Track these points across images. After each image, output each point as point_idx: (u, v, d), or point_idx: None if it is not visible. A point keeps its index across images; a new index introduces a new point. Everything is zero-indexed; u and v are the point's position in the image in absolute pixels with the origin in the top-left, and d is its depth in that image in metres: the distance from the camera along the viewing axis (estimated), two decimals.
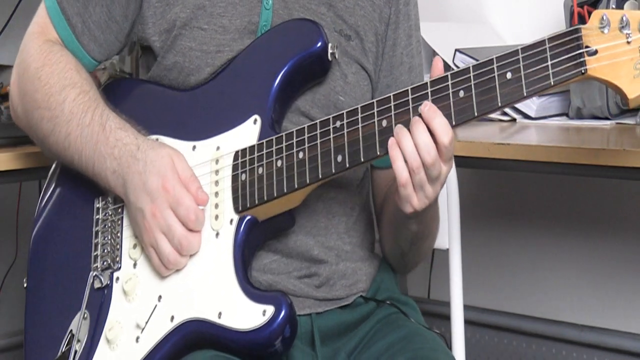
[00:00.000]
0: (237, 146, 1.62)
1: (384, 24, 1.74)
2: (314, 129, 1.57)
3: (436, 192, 1.52)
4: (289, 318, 1.50)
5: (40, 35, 1.73)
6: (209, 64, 1.68)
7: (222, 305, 1.55)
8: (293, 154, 1.57)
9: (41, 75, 1.69)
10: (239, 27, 1.68)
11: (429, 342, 1.63)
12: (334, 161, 1.54)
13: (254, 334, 1.51)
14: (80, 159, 1.65)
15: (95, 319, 1.64)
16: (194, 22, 1.68)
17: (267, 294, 1.54)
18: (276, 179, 1.57)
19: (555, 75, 1.43)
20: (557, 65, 1.43)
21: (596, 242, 2.76)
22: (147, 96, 1.75)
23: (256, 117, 1.63)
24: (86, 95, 1.66)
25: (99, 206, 1.71)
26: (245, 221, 1.58)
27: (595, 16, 1.44)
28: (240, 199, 1.59)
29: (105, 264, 1.66)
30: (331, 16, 1.69)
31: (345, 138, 1.54)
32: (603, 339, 2.71)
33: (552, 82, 1.44)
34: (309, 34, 1.64)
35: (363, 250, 1.75)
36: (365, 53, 1.71)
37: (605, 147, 1.92)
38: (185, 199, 1.57)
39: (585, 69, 1.42)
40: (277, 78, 1.63)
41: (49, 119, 1.67)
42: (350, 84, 1.69)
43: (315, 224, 1.68)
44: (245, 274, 1.56)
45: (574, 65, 1.43)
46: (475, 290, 2.87)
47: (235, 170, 1.61)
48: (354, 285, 1.71)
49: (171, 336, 1.57)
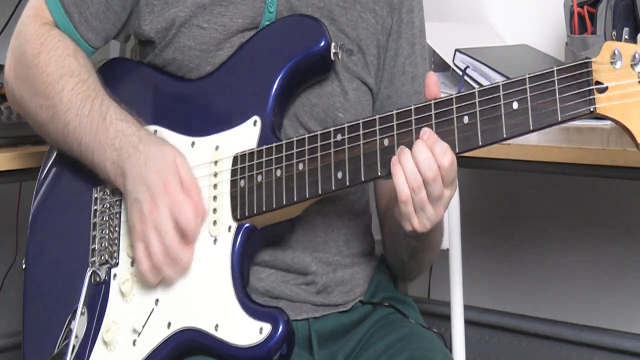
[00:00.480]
0: (236, 147, 1.60)
1: (385, 34, 1.71)
2: (314, 140, 1.54)
3: (439, 214, 1.49)
4: (286, 336, 1.49)
5: (36, 18, 1.70)
6: (209, 63, 1.66)
7: (219, 318, 1.53)
8: (293, 164, 1.55)
9: (38, 62, 1.66)
10: (240, 27, 1.66)
11: (427, 342, 1.62)
12: (334, 177, 1.52)
13: (251, 350, 1.49)
14: (80, 148, 1.63)
15: (92, 315, 1.63)
16: (194, 20, 1.66)
17: (264, 310, 1.51)
18: (275, 189, 1.55)
19: (563, 111, 1.40)
20: (566, 101, 1.40)
21: (596, 242, 2.76)
22: (146, 82, 1.73)
23: (256, 118, 1.61)
24: (85, 84, 1.64)
25: (97, 196, 1.68)
26: (243, 229, 1.57)
27: (606, 49, 1.39)
28: (239, 208, 1.57)
29: (103, 259, 1.64)
30: (333, 30, 1.65)
31: (346, 154, 1.51)
32: (603, 339, 2.71)
33: (559, 118, 1.40)
34: (312, 33, 1.61)
35: (362, 257, 1.73)
36: (367, 68, 1.69)
37: (605, 147, 1.92)
38: (187, 208, 1.55)
39: (595, 108, 1.38)
40: (277, 78, 1.61)
41: (47, 107, 1.65)
42: (351, 101, 1.67)
43: (313, 239, 1.66)
44: (243, 286, 1.54)
45: (583, 102, 1.39)
46: (475, 290, 2.87)
47: (234, 176, 1.59)
48: (351, 291, 1.70)
49: (168, 343, 1.56)
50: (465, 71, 2.40)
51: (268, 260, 1.64)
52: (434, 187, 1.46)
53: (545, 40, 2.68)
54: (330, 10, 1.67)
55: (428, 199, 1.47)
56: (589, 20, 2.33)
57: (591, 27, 2.31)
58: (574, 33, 2.32)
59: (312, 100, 1.65)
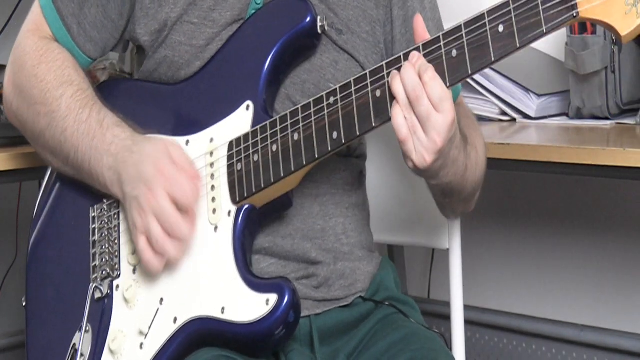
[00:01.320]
0: (231, 135, 1.61)
1: (382, 7, 1.71)
2: (307, 108, 1.55)
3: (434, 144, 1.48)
4: (292, 303, 1.49)
5: (35, 32, 1.72)
6: (199, 58, 1.68)
7: (225, 300, 1.53)
8: (288, 135, 1.55)
9: (38, 72, 1.68)
10: (228, 21, 1.67)
11: (428, 342, 1.63)
12: (330, 138, 1.53)
13: (258, 324, 1.50)
14: (76, 155, 1.65)
15: (97, 331, 1.63)
16: (185, 17, 1.68)
17: (269, 282, 1.52)
18: (272, 163, 1.56)
19: (547, 20, 1.43)
20: (549, 10, 1.42)
21: (596, 242, 2.76)
22: (139, 94, 1.74)
23: (248, 102, 1.61)
24: (84, 93, 1.66)
25: (95, 215, 1.69)
26: (243, 211, 1.57)
27: None
28: (237, 189, 1.58)
29: (105, 273, 1.65)
30: (323, 8, 1.67)
31: (340, 113, 1.52)
32: (603, 339, 2.71)
33: (544, 29, 1.43)
34: (297, 10, 1.62)
35: (361, 251, 1.74)
36: (356, 47, 1.69)
37: (605, 147, 1.92)
38: (182, 181, 1.55)
39: (577, 12, 1.41)
40: (267, 60, 1.61)
41: (45, 114, 1.66)
42: (342, 70, 1.68)
43: (312, 227, 1.67)
44: (246, 264, 1.55)
45: (566, 9, 1.42)
46: (475, 290, 2.87)
47: (231, 160, 1.59)
48: (352, 286, 1.71)
49: (175, 338, 1.56)
50: None
51: (268, 247, 1.64)
52: (420, 106, 1.46)
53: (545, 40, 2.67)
54: None
55: (419, 121, 1.48)
56: None
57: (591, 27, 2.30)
58: (574, 33, 2.32)
59: (302, 77, 1.66)
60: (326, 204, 1.69)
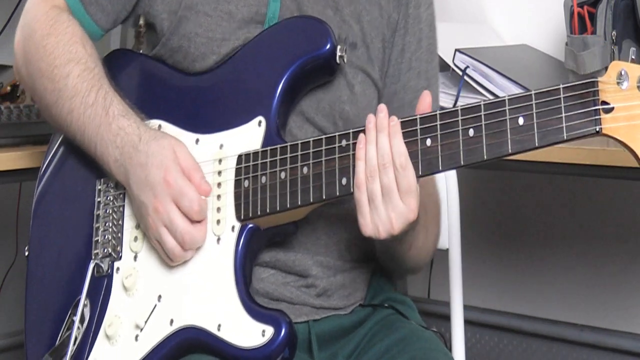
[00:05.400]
0: (241, 147, 1.60)
1: (391, 29, 1.71)
2: (319, 144, 1.53)
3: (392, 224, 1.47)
4: (288, 340, 1.49)
5: (46, 0, 1.71)
6: (214, 52, 1.66)
7: (222, 318, 1.53)
8: (297, 167, 1.54)
9: (47, 44, 1.66)
10: (245, 17, 1.66)
11: (427, 342, 1.62)
12: (339, 183, 1.51)
13: (253, 353, 1.49)
14: (83, 137, 1.64)
15: (95, 308, 1.63)
16: (200, 7, 1.66)
17: (267, 313, 1.52)
18: (279, 192, 1.55)
19: (569, 129, 1.38)
20: (572, 119, 1.38)
21: (596, 241, 2.76)
22: (151, 74, 1.73)
23: (261, 118, 1.60)
24: (91, 73, 1.64)
25: (101, 188, 1.69)
26: (247, 229, 1.57)
27: (613, 69, 1.38)
28: (243, 208, 1.57)
29: (106, 252, 1.65)
30: (337, 20, 1.66)
31: (351, 160, 1.51)
32: (603, 339, 2.71)
33: (565, 136, 1.39)
34: (318, 35, 1.60)
35: (363, 262, 1.72)
36: (371, 61, 1.69)
37: (605, 147, 1.92)
38: (188, 191, 1.55)
39: (601, 128, 1.37)
40: (282, 79, 1.60)
41: (52, 90, 1.65)
42: (357, 94, 1.67)
43: (315, 242, 1.66)
44: (246, 287, 1.55)
45: (589, 122, 1.38)
46: (475, 290, 2.87)
47: (238, 175, 1.59)
48: (351, 295, 1.70)
49: (170, 340, 1.56)
50: (465, 71, 2.40)
51: (269, 260, 1.64)
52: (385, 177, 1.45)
53: (545, 40, 2.68)
54: (336, 0, 1.67)
55: (381, 192, 1.46)
56: (588, 20, 2.33)
57: (591, 27, 2.30)
58: (574, 33, 2.32)
59: (318, 95, 1.65)
60: (331, 219, 1.67)
